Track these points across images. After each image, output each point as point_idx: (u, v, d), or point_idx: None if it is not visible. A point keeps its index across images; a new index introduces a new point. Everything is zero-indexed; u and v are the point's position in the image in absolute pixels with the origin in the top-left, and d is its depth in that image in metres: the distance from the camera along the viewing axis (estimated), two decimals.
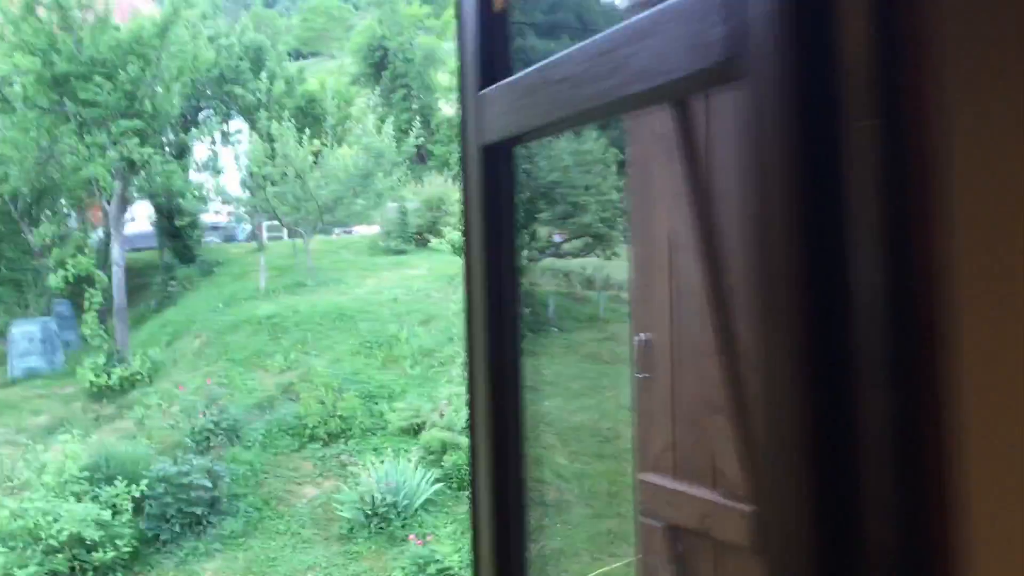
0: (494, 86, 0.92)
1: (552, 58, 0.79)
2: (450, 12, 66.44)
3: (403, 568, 10.31)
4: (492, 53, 0.95)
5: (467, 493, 11.33)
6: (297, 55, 40.15)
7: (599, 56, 0.70)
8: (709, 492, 1.89)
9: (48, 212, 17.76)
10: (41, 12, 14.74)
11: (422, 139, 23.80)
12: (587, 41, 0.72)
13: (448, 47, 49.53)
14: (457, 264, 18.16)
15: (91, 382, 14.69)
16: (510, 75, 0.91)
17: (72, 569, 10.01)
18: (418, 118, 24.11)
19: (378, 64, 40.01)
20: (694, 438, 1.96)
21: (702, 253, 1.73)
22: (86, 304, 15.58)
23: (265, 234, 22.32)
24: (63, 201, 18.11)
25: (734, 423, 1.74)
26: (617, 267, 16.95)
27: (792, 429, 0.56)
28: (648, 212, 2.02)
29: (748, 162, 0.59)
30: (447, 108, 42.04)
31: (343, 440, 12.98)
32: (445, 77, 42.43)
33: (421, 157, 30.63)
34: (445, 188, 24.67)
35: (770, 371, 0.58)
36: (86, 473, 10.84)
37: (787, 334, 0.56)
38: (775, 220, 0.57)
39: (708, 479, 1.90)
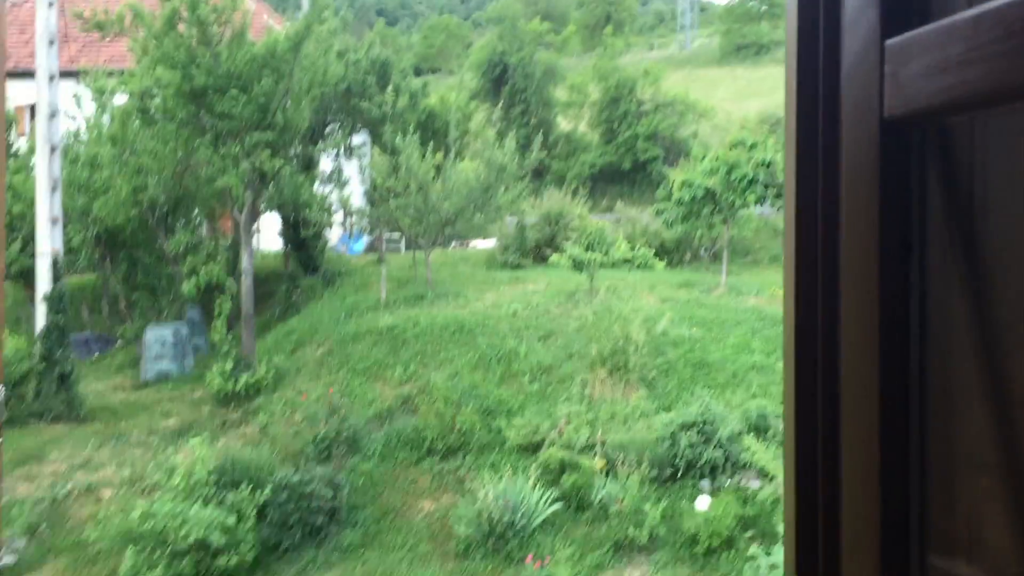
0: (921, 30, 0.66)
1: None
2: (571, 28, 66.31)
3: None
4: None
5: (586, 515, 11.01)
6: (418, 71, 40.88)
7: None
8: (966, 566, 1.58)
9: (183, 221, 18.38)
10: (182, 28, 15.25)
11: (544, 154, 23.69)
12: None
13: (566, 63, 49.45)
14: (575, 281, 17.89)
15: (219, 387, 15.05)
16: (935, 17, 0.65)
17: (197, 573, 10.16)
18: (538, 133, 23.99)
19: (498, 80, 40.30)
20: (947, 502, 1.64)
21: (965, 282, 1.44)
22: (216, 311, 16.01)
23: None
24: (196, 210, 18.71)
25: (1006, 485, 1.45)
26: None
27: None
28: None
29: None
30: (565, 123, 41.96)
31: (460, 455, 12.89)
32: (564, 92, 42.39)
33: (538, 172, 30.61)
34: (563, 203, 24.53)
35: None
36: (214, 477, 11.03)
37: None
38: None
39: (966, 551, 1.58)
